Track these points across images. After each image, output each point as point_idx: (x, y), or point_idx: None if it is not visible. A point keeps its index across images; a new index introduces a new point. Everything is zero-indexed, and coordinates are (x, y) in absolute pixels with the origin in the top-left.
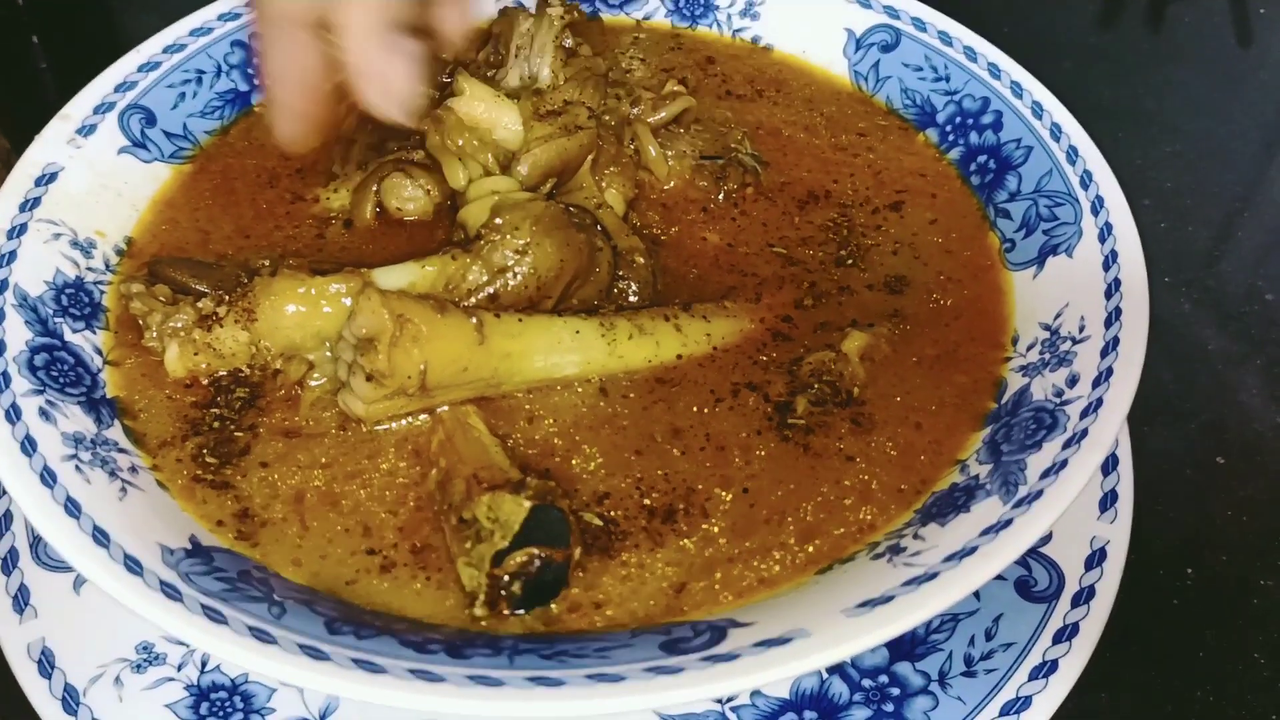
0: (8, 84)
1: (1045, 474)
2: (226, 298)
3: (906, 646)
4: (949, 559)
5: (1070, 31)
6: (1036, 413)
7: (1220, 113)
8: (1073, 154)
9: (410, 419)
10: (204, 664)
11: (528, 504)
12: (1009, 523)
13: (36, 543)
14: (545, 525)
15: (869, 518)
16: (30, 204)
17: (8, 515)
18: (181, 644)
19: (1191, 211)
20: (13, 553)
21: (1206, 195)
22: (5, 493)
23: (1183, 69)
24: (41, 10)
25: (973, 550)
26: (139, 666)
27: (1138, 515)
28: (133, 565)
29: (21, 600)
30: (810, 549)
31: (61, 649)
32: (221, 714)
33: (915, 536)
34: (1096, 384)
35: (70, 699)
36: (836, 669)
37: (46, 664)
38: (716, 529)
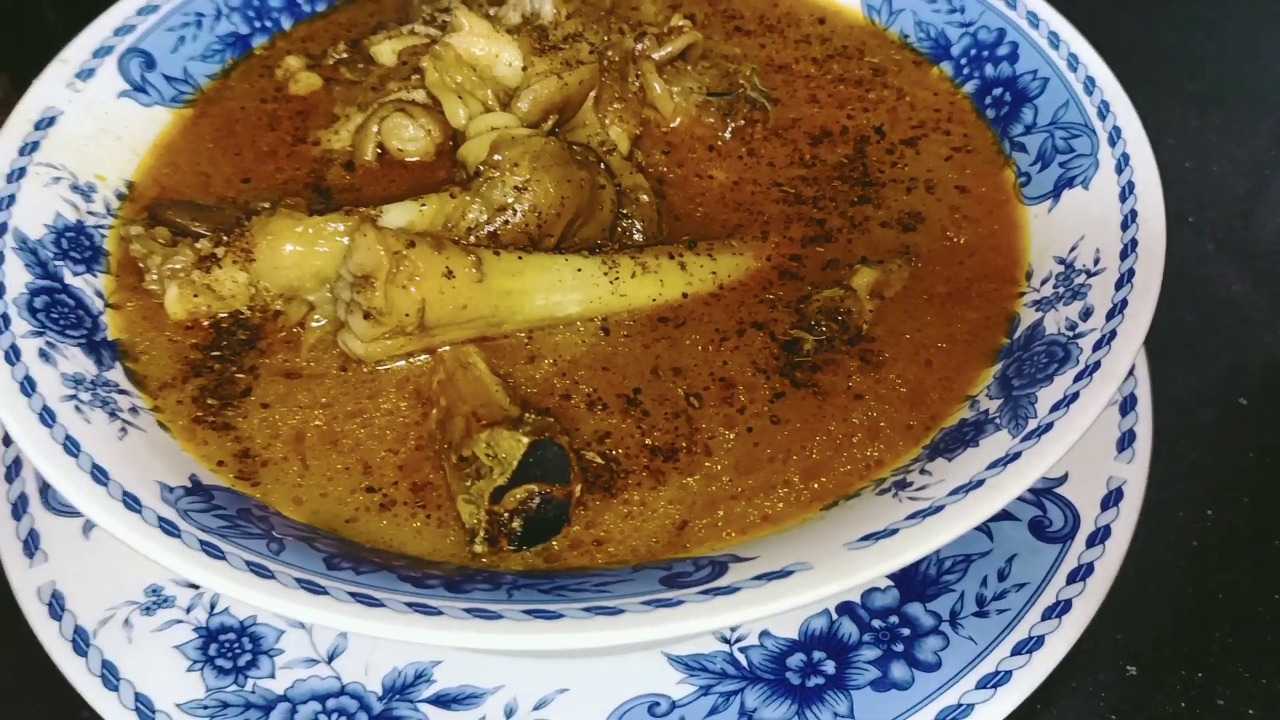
0: (18, 37)
1: (1055, 407)
2: (225, 238)
3: (918, 587)
4: (955, 492)
5: None
6: (1049, 346)
7: (1249, 49)
8: (1090, 84)
9: (411, 359)
10: (213, 606)
11: (526, 440)
12: (1017, 455)
13: (46, 489)
14: (544, 461)
15: (876, 455)
16: (29, 148)
17: (17, 462)
18: (190, 586)
19: (1217, 150)
20: (23, 498)
21: (1233, 134)
22: (12, 444)
23: (1208, 3)
24: None
25: (979, 484)
26: (148, 609)
27: (1158, 457)
28: (131, 502)
29: (32, 545)
30: (815, 486)
31: (71, 592)
32: (230, 655)
33: (922, 471)
34: (1110, 316)
35: (80, 640)
36: (846, 609)
37: (57, 606)
38: (719, 467)
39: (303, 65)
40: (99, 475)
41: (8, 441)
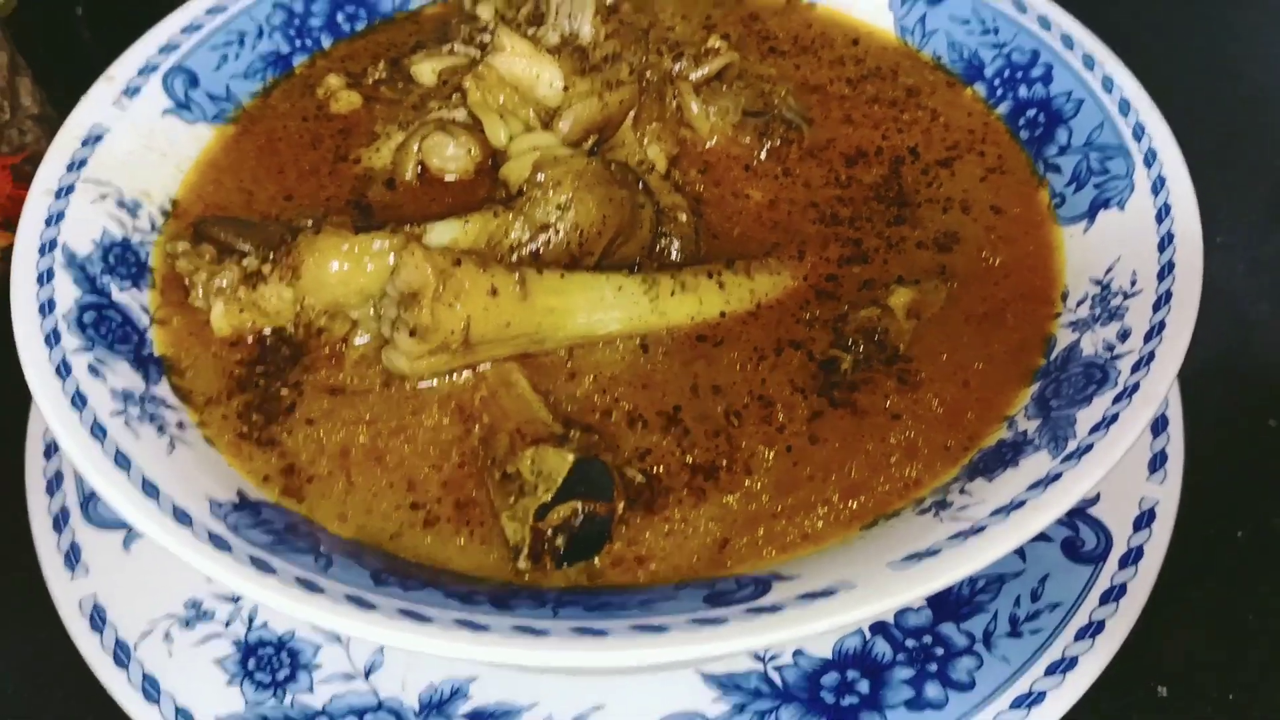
0: (53, 54)
1: (1095, 428)
2: (271, 256)
3: (951, 607)
4: (996, 513)
5: None
6: (1087, 368)
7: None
8: (1125, 106)
9: (454, 376)
10: (251, 620)
11: (571, 457)
12: (1058, 477)
13: (87, 502)
14: (589, 478)
15: (915, 474)
16: (77, 165)
17: (58, 476)
18: (230, 600)
19: (1252, 168)
20: (64, 512)
21: (1265, 150)
22: (55, 453)
23: (1247, 14)
24: None
25: (1020, 504)
26: (188, 623)
27: (1188, 477)
28: (182, 517)
29: (73, 558)
30: (855, 505)
31: (112, 605)
32: (269, 669)
33: (962, 492)
34: (1149, 338)
35: (121, 653)
36: (880, 628)
37: (98, 619)
38: (759, 485)
39: (343, 84)
40: (150, 490)
41: (48, 455)
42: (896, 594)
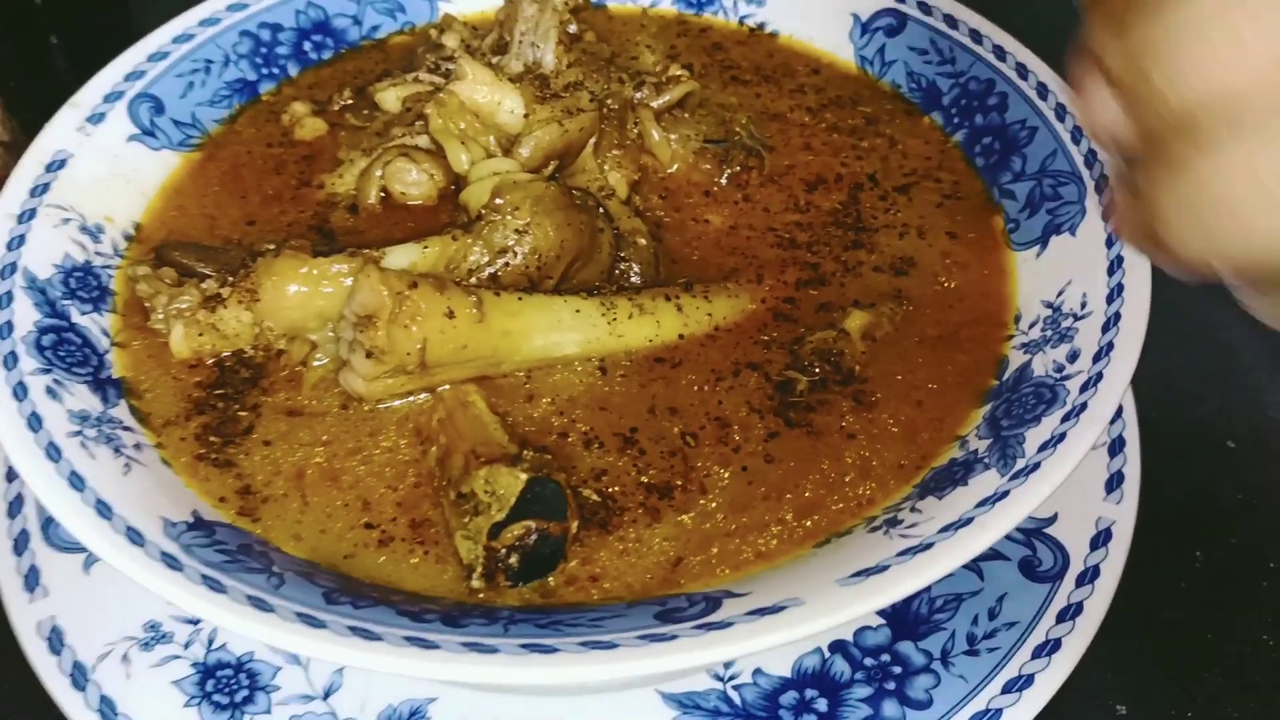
0: (27, 83)
1: (1043, 447)
2: (230, 279)
3: (910, 625)
4: (944, 530)
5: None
6: (1037, 388)
7: None
8: (1077, 134)
9: (411, 398)
10: (210, 642)
11: (524, 476)
12: (1005, 494)
13: (47, 524)
14: (542, 498)
15: (868, 493)
16: (40, 189)
17: (19, 499)
18: (189, 622)
19: None
20: (24, 534)
21: None
22: (17, 477)
23: None
24: (60, 10)
25: (969, 521)
26: (146, 644)
27: (1147, 498)
28: (134, 537)
29: (32, 580)
30: (808, 523)
31: (71, 627)
32: (227, 691)
33: (913, 510)
34: (1097, 359)
35: (79, 675)
36: (839, 647)
37: (56, 641)
38: (714, 504)
39: (308, 111)
40: (103, 510)
41: (10, 477)
42: (843, 609)
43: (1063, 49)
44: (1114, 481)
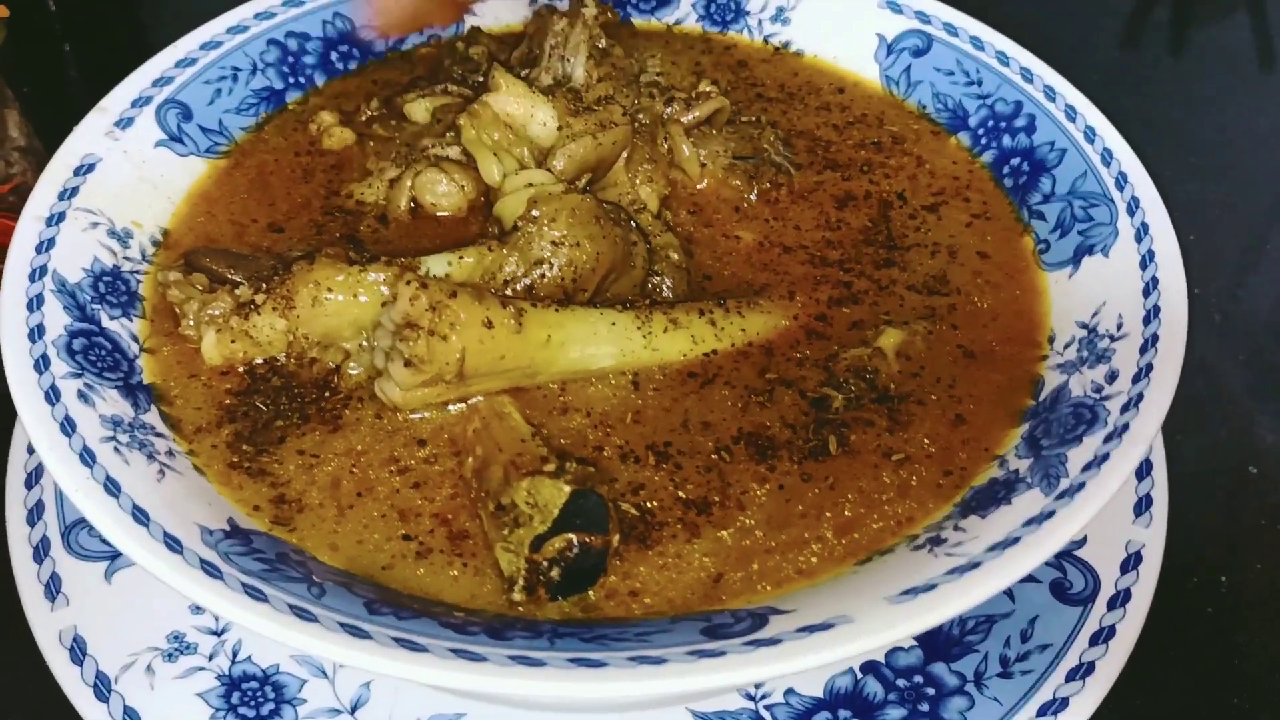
0: (38, 88)
1: (1087, 467)
2: (264, 286)
3: (942, 647)
4: (992, 549)
5: (1094, 50)
6: (1076, 408)
7: (1247, 129)
8: (1107, 156)
9: (446, 408)
10: (235, 654)
11: (568, 488)
12: (1051, 514)
13: (68, 532)
14: (585, 510)
15: (908, 512)
16: (69, 193)
17: (39, 505)
18: (213, 633)
19: (1220, 223)
20: (44, 541)
21: (1233, 207)
22: (37, 483)
23: (1208, 86)
24: (73, 19)
25: (1015, 540)
26: (170, 655)
27: (1171, 523)
28: (173, 544)
29: (53, 588)
30: (848, 541)
31: (93, 637)
32: (253, 704)
33: (956, 528)
34: (1136, 380)
35: (102, 686)
36: (871, 668)
37: (78, 651)
38: (752, 521)
39: (336, 120)
40: (140, 516)
41: (29, 484)
42: (895, 628)
43: (1083, 81)
44: (1142, 505)
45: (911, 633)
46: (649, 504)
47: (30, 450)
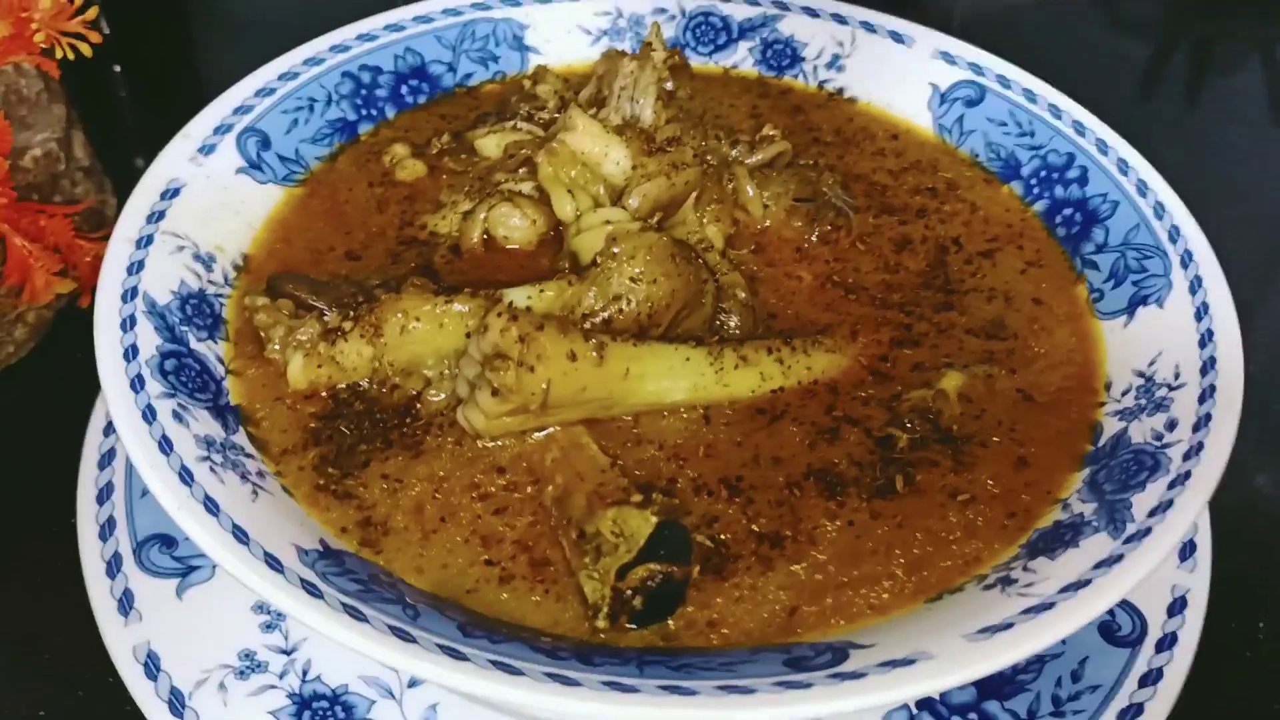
0: (92, 112)
1: (1153, 512)
2: (352, 313)
3: (995, 685)
4: (1065, 590)
5: (1111, 101)
6: (1136, 455)
7: (1258, 179)
8: (1160, 209)
9: (524, 437)
10: (305, 673)
11: (654, 519)
12: (1120, 557)
13: (140, 548)
14: (670, 541)
15: (974, 552)
16: (156, 216)
17: (110, 521)
18: (283, 652)
19: (1258, 273)
20: (116, 557)
21: (1274, 256)
22: (109, 498)
23: (1222, 137)
24: (126, 41)
25: (1087, 583)
26: (242, 673)
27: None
28: (273, 563)
29: (126, 604)
30: (918, 579)
31: (166, 653)
32: None
33: (1025, 569)
34: (1196, 428)
35: (176, 702)
36: (926, 704)
37: (152, 667)
38: (824, 557)
39: (409, 153)
40: (240, 535)
41: (101, 500)
42: (975, 665)
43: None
44: (1187, 550)
45: (990, 670)
46: (723, 536)
47: (100, 466)
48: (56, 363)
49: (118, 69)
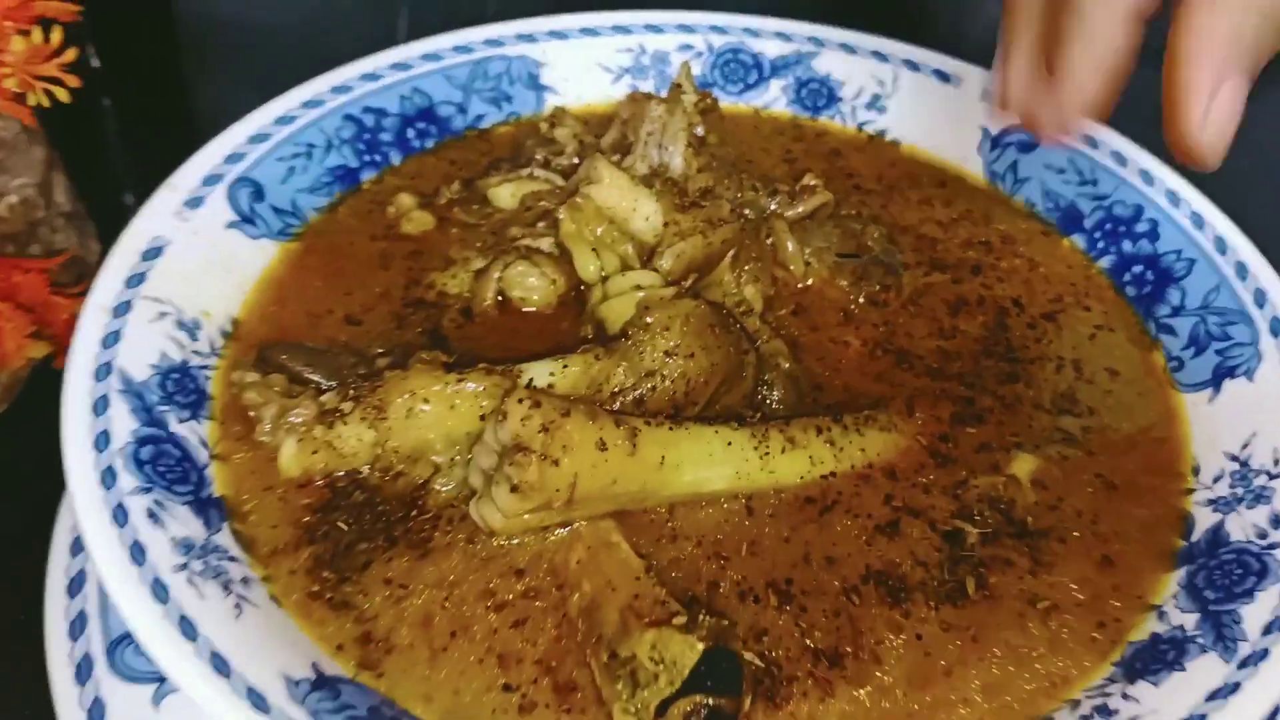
0: (78, 150)
1: (1268, 630)
2: (353, 392)
3: None
4: None
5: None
6: (1239, 555)
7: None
8: (1242, 270)
9: (546, 533)
10: None
11: (700, 646)
12: (1236, 687)
13: (112, 649)
14: (718, 671)
15: (1061, 670)
16: (136, 279)
17: (81, 617)
18: None
19: None
20: (87, 660)
21: None
22: (79, 591)
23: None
24: (115, 74)
25: (1202, 719)
26: None
27: None
28: (257, 700)
29: (97, 714)
30: (999, 705)
31: None
32: None
33: (1124, 696)
34: None
35: None
36: None
37: None
38: (890, 678)
39: (416, 203)
40: (220, 665)
41: (72, 593)
42: None
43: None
44: None
45: None
46: (775, 653)
47: (73, 552)
48: (31, 425)
49: (107, 102)
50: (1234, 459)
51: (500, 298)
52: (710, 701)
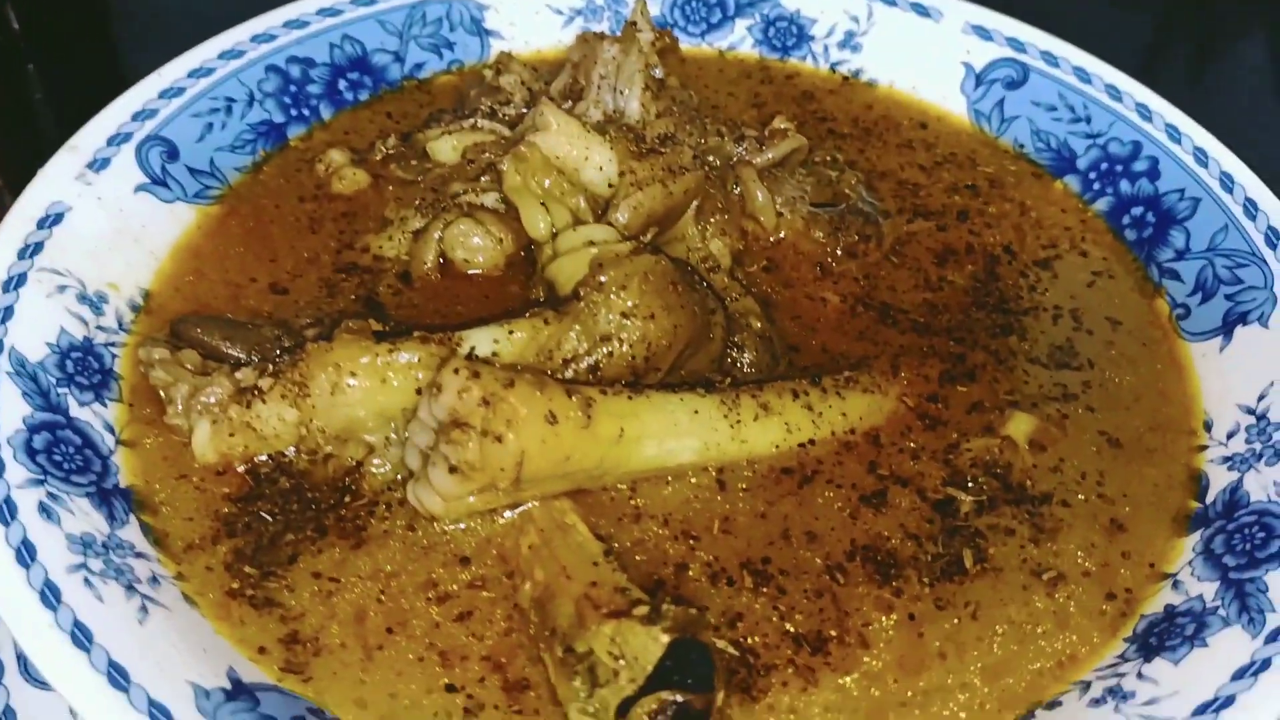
0: (2, 114)
1: None
2: (271, 367)
3: None
4: (1200, 711)
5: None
6: (1260, 516)
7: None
8: (1251, 208)
9: (494, 516)
10: None
11: (665, 638)
12: (1267, 664)
13: (25, 654)
14: (686, 664)
15: (1068, 648)
16: (31, 249)
17: None
18: None
19: None
20: None
21: None
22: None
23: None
24: (38, 38)
25: (1230, 701)
26: None
27: None
28: (160, 714)
29: None
30: (1001, 689)
31: None
32: None
33: (1140, 676)
34: None
35: None
36: None
37: None
38: (880, 663)
39: (348, 160)
40: (117, 677)
41: None
42: None
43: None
44: None
45: None
46: (750, 640)
47: None
48: None
49: (31, 68)
50: (1250, 412)
51: (441, 260)
52: (678, 699)
